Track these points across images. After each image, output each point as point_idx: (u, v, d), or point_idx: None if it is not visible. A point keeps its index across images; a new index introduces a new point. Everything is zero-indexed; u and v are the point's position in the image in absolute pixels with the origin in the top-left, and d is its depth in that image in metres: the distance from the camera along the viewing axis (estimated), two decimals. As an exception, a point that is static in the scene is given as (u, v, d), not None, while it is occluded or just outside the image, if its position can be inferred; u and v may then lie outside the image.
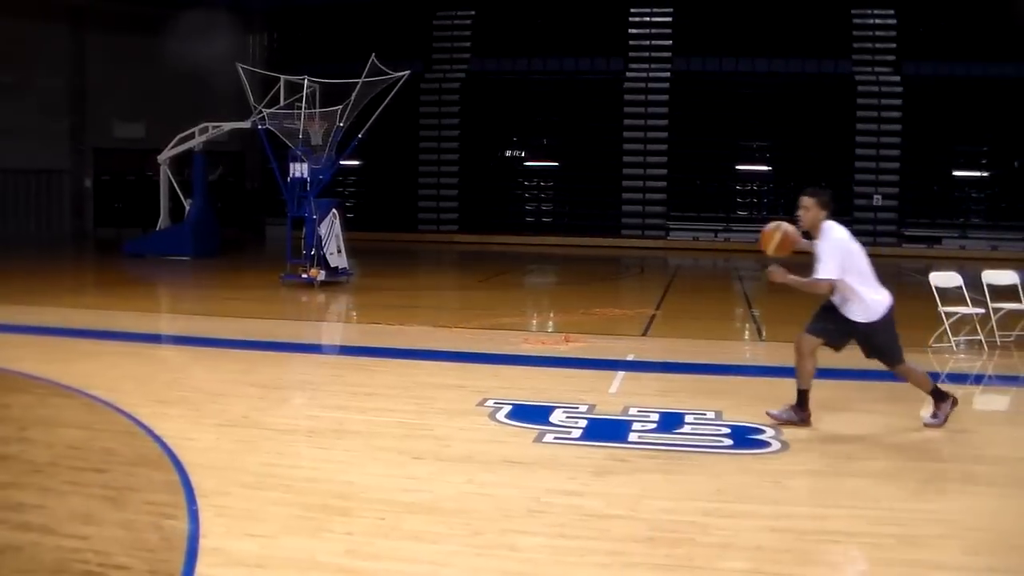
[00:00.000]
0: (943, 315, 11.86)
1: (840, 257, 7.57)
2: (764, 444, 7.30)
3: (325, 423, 7.88)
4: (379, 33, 33.03)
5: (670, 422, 7.90)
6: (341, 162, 21.06)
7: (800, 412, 7.74)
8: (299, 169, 19.52)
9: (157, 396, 8.82)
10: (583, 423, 7.88)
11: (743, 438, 7.45)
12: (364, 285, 19.95)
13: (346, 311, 17.07)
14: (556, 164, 34.95)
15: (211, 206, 26.45)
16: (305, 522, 5.52)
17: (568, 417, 8.02)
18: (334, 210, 19.44)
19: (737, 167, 33.45)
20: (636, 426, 7.78)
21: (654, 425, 7.83)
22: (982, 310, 12.02)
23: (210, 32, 36.75)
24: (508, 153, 35.49)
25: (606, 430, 7.70)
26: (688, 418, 8.03)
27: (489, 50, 35.38)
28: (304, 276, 18.67)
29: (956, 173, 32.40)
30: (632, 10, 34.50)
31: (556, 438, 7.42)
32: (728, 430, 7.65)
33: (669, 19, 34.38)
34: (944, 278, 12.28)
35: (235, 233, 32.74)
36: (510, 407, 8.31)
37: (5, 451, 6.91)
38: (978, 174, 32.81)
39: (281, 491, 6.06)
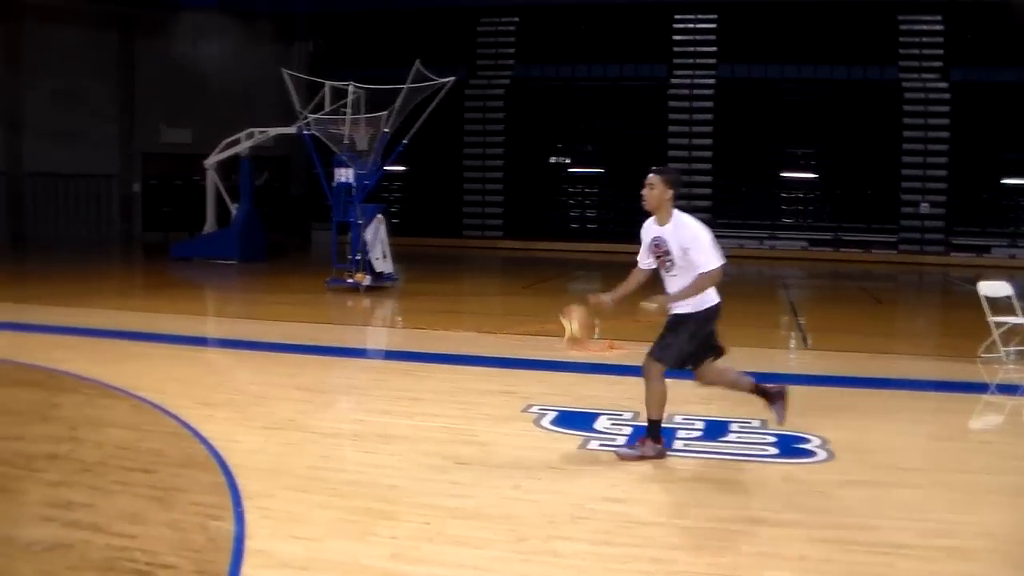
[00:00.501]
0: (992, 325, 11.71)
1: (713, 242, 7.04)
2: (810, 453, 7.24)
3: (370, 427, 7.91)
4: (424, 39, 33.11)
5: (715, 430, 7.87)
6: (386, 167, 21.11)
7: (653, 445, 7.04)
8: (344, 174, 19.60)
9: (204, 398, 8.90)
10: (628, 430, 7.86)
11: (789, 447, 7.40)
12: (409, 290, 20.01)
13: (391, 316, 17.12)
14: (600, 170, 34.84)
15: (257, 211, 26.62)
16: (350, 525, 5.54)
17: (613, 424, 8.01)
18: (379, 215, 19.51)
19: (782, 174, 33.16)
20: (681, 433, 7.76)
21: (699, 433, 7.81)
22: (1033, 320, 11.87)
23: (256, 38, 37.15)
24: (552, 159, 35.43)
25: (650, 437, 7.68)
26: (733, 426, 7.99)
27: (533, 56, 35.35)
28: (349, 281, 18.74)
29: (1005, 180, 31.88)
30: (676, 16, 34.32)
31: (601, 445, 7.40)
32: (774, 439, 7.60)
33: (713, 25, 34.16)
34: (993, 287, 12.12)
35: (281, 238, 32.92)
36: (555, 413, 8.31)
37: (56, 450, 7.00)
38: (1028, 182, 32.44)
39: (326, 494, 6.09)
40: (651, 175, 7.28)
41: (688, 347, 7.05)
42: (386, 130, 20.15)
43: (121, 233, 37.44)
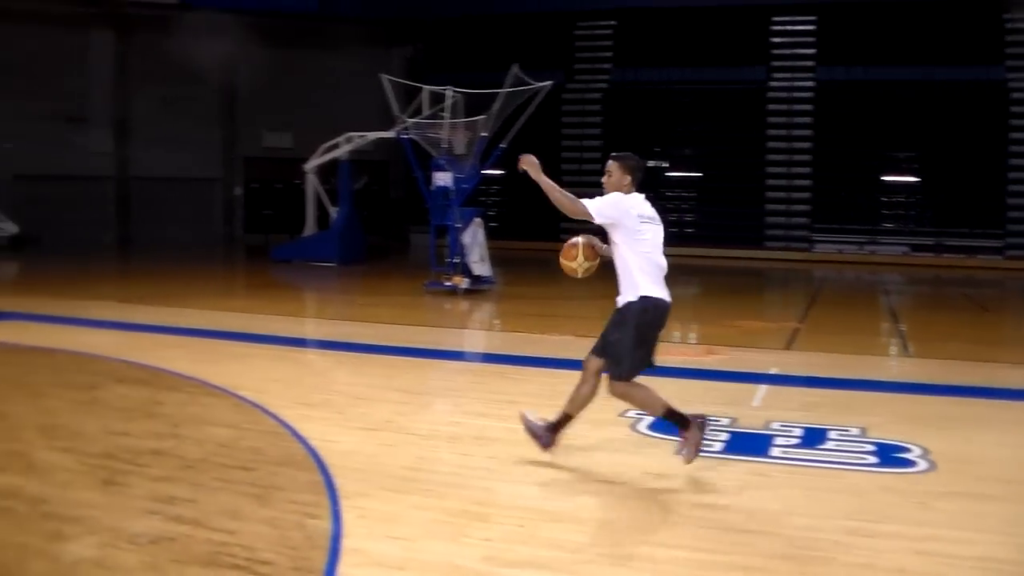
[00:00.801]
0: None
1: (613, 211, 6.80)
2: (910, 463, 7.09)
3: (466, 429, 7.94)
4: (522, 43, 33.16)
5: (813, 437, 7.76)
6: (484, 171, 21.21)
7: (549, 434, 6.91)
8: (443, 178, 19.72)
9: (302, 398, 9.03)
10: (725, 436, 7.79)
11: (888, 456, 7.26)
12: (506, 293, 20.06)
13: (488, 319, 17.18)
14: (699, 175, 34.59)
15: (356, 214, 26.91)
16: (445, 526, 5.57)
17: (709, 430, 7.93)
18: (477, 219, 19.60)
19: (883, 178, 32.52)
20: (778, 440, 7.66)
21: (797, 440, 7.70)
22: None
23: (355, 43, 37.57)
24: (650, 163, 35.22)
25: (747, 444, 7.60)
26: (832, 434, 7.86)
27: (631, 60, 35.18)
28: (447, 284, 18.86)
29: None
30: (774, 19, 33.85)
31: (698, 451, 7.34)
32: (873, 447, 7.47)
33: (812, 27, 33.66)
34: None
35: (379, 241, 33.24)
36: (652, 419, 8.26)
37: (159, 446, 7.16)
38: None
39: (422, 495, 6.13)
40: (609, 161, 7.18)
41: (636, 346, 6.71)
42: (484, 134, 20.23)
43: (223, 235, 38.16)
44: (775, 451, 7.37)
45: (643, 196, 7.02)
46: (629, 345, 6.66)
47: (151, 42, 35.71)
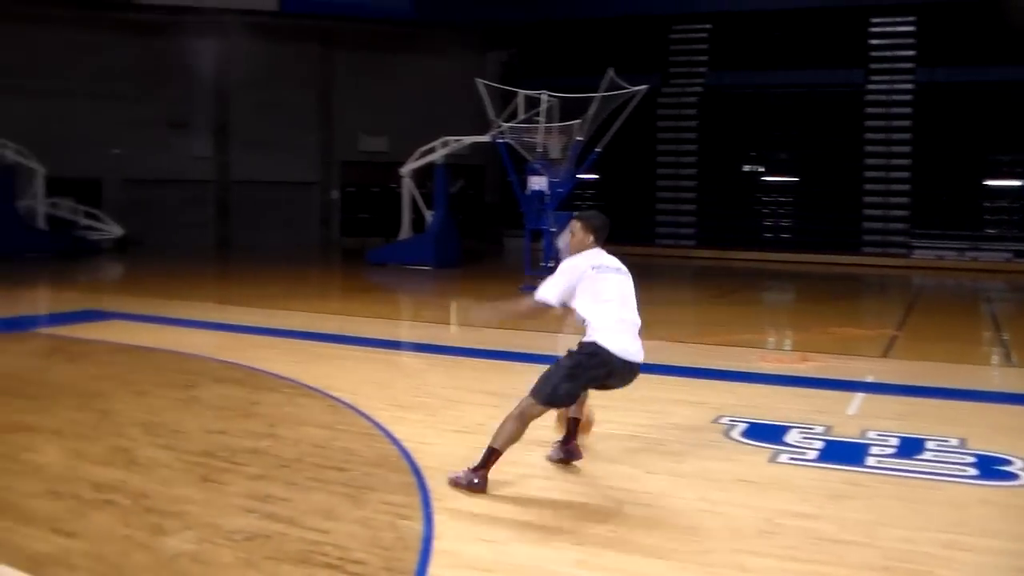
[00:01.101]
0: None
1: (563, 279, 6.51)
2: (1012, 476, 6.92)
3: (558, 433, 7.93)
4: (617, 48, 33.12)
5: (910, 447, 7.61)
6: (579, 175, 21.20)
7: (477, 472, 6.40)
8: (538, 182, 19.77)
9: (396, 400, 9.11)
10: (819, 444, 7.68)
11: (989, 468, 7.08)
12: (600, 298, 19.98)
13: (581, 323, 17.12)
14: (795, 179, 34.14)
15: (452, 217, 27.07)
16: (536, 530, 5.59)
17: (804, 438, 7.84)
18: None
19: (986, 182, 31.81)
20: (874, 450, 7.53)
21: (893, 450, 7.55)
22: None
23: (451, 48, 37.81)
24: (746, 167, 34.92)
25: (843, 453, 7.48)
26: (929, 444, 7.70)
27: (726, 63, 34.89)
28: (541, 288, 18.85)
29: None
30: (873, 20, 33.25)
31: (791, 458, 7.26)
32: (973, 459, 7.30)
33: (912, 28, 33.03)
34: None
35: (475, 244, 33.39)
36: (745, 425, 8.19)
37: (256, 445, 7.29)
38: None
39: (514, 498, 6.16)
40: (572, 220, 6.96)
41: (563, 379, 6.38)
42: (579, 138, 20.25)
43: (320, 239, 38.64)
44: (870, 460, 7.25)
45: (605, 251, 6.77)
46: (559, 375, 6.40)
47: (250, 48, 36.34)
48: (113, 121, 35.15)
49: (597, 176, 32.74)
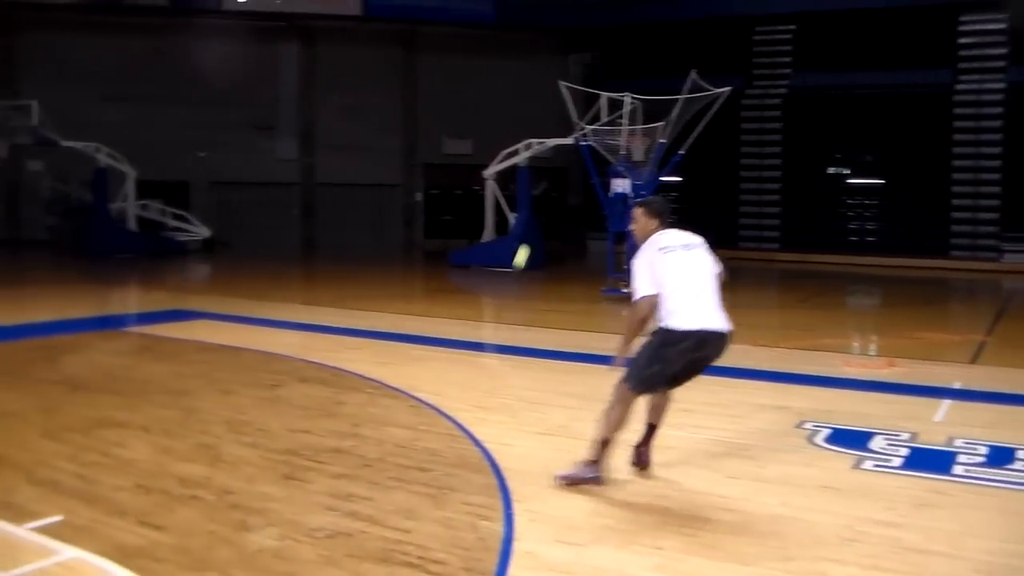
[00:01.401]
0: None
1: (646, 272, 6.48)
2: (1107, 485, 6.75)
3: (640, 437, 7.88)
4: (700, 49, 32.87)
5: (1000, 457, 7.42)
6: (662, 178, 21.09)
7: (591, 465, 6.46)
8: (621, 185, 19.69)
9: (479, 402, 9.14)
10: (904, 451, 7.53)
11: (1085, 478, 6.91)
12: (682, 301, 19.86)
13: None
14: (880, 181, 33.61)
15: (535, 220, 27.09)
16: (617, 534, 5.56)
17: (889, 444, 7.69)
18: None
19: (1083, 184, 31.01)
20: (962, 458, 7.36)
21: (982, 459, 7.38)
22: None
23: (533, 51, 37.88)
24: (831, 170, 34.46)
25: (929, 460, 7.32)
26: (1020, 454, 7.49)
27: (811, 64, 34.45)
28: (625, 290, 18.77)
29: None
30: (961, 19, 32.64)
31: (875, 465, 7.12)
32: (1067, 468, 7.12)
33: (1002, 26, 32.31)
34: None
35: (558, 247, 33.40)
36: (829, 431, 8.07)
37: (340, 445, 7.36)
38: None
39: (595, 501, 6.13)
40: (633, 208, 6.99)
41: (649, 363, 6.36)
42: (662, 140, 20.14)
43: (403, 240, 38.93)
44: (958, 469, 7.08)
45: (674, 230, 6.84)
46: (642, 362, 6.38)
47: (334, 53, 36.81)
48: (201, 125, 35.79)
49: (680, 178, 32.50)
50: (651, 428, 6.93)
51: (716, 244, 6.98)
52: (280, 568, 4.98)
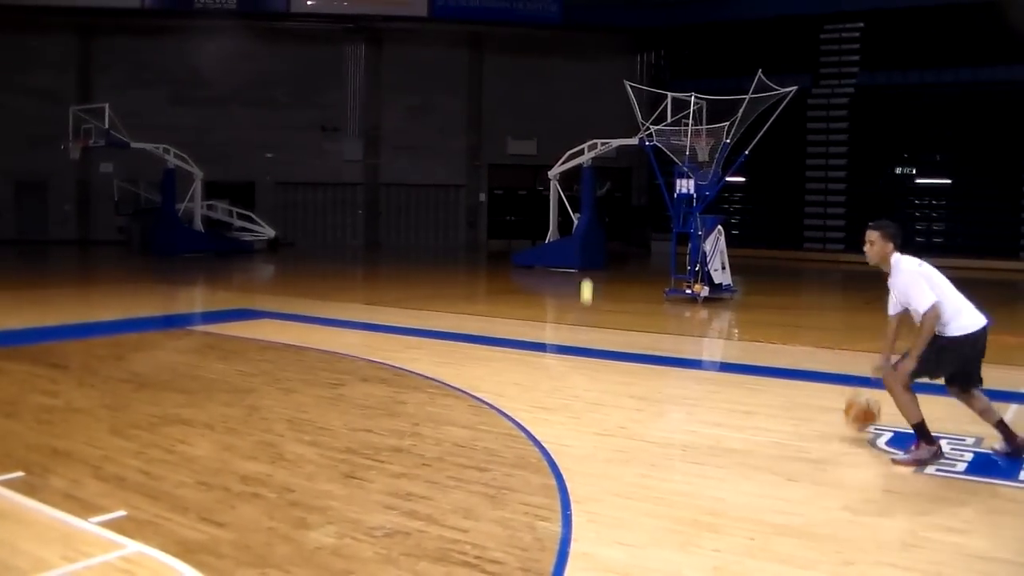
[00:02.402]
0: None
1: (921, 284, 7.34)
2: None
3: (701, 439, 7.84)
4: (766, 48, 32.63)
5: (1070, 462, 7.29)
6: (727, 178, 20.95)
7: (927, 447, 7.13)
8: (685, 185, 19.57)
9: (539, 402, 9.13)
10: (969, 456, 7.41)
11: None
12: (747, 302, 19.77)
13: (728, 328, 16.93)
14: (948, 181, 33.08)
15: (599, 220, 27.05)
16: (674, 536, 5.52)
17: (953, 449, 7.57)
18: (719, 226, 19.38)
19: None
20: (1032, 463, 7.24)
21: (1051, 464, 7.25)
22: None
23: (598, 51, 37.83)
24: (898, 170, 34.00)
25: (995, 466, 7.18)
26: (1090, 459, 7.36)
27: (879, 63, 34.02)
28: (688, 291, 18.71)
29: None
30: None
31: (939, 470, 7.00)
32: None
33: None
34: None
35: (621, 247, 33.32)
36: (891, 434, 7.96)
37: (399, 444, 7.39)
38: None
39: (652, 503, 6.10)
40: (869, 231, 7.63)
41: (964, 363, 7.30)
42: (727, 141, 20.01)
43: (466, 240, 39.04)
44: (1025, 475, 6.97)
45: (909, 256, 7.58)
46: (963, 364, 7.31)
47: (400, 54, 37.01)
48: (267, 126, 36.20)
49: (745, 179, 32.29)
50: (1003, 425, 7.39)
51: (780, 245, 7.00)
52: (338, 566, 5.01)
